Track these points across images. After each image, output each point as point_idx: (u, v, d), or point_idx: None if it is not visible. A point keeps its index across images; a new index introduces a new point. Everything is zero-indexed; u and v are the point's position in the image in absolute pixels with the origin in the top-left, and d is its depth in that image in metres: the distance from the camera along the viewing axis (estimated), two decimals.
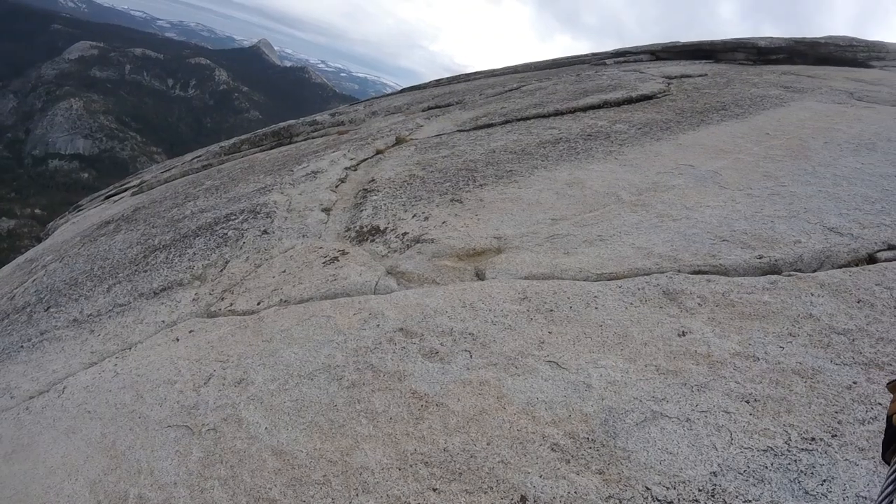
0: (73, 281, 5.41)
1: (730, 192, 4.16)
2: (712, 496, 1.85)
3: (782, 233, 3.40)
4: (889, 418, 1.06)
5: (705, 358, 2.40)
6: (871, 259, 3.11)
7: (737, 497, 1.83)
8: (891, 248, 3.16)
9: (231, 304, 3.87)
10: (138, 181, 11.16)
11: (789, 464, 1.89)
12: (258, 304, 3.75)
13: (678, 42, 12.62)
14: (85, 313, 4.55)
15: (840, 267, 3.04)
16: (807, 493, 1.80)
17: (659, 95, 7.89)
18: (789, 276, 2.97)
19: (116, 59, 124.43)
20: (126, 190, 10.78)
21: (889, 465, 1.00)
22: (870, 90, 7.83)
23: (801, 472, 1.86)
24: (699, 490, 1.88)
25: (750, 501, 1.82)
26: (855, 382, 2.17)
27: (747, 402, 2.14)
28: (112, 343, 3.91)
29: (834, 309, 2.62)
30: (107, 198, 11.01)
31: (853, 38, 12.20)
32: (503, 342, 2.69)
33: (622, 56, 12.56)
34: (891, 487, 0.94)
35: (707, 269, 3.12)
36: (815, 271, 3.03)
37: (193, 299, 4.16)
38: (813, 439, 1.96)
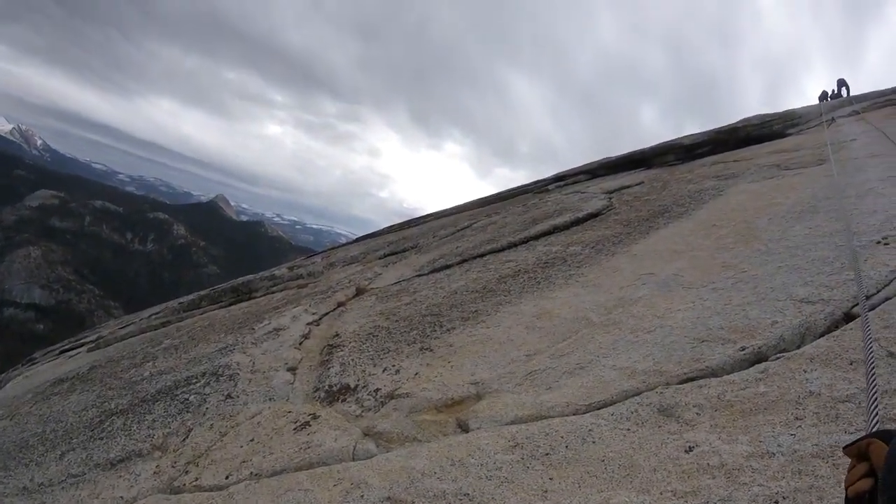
0: (24, 443, 5.02)
1: (695, 290, 4.17)
2: None
3: (756, 318, 3.38)
4: (846, 489, 0.98)
5: (720, 469, 2.24)
6: (849, 317, 3.12)
7: None
8: (866, 297, 3.14)
9: (196, 479, 3.52)
10: (95, 336, 10.80)
11: None
12: (226, 478, 3.42)
13: (611, 157, 13.41)
14: (36, 482, 4.16)
15: (822, 335, 3.02)
16: None
17: (604, 211, 8.18)
18: (777, 358, 2.92)
19: (77, 209, 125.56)
20: (82, 345, 10.36)
21: None
22: (794, 157, 8.33)
23: None
24: None
25: None
26: None
27: (776, 502, 1.99)
28: None
29: (831, 379, 2.56)
30: (62, 352, 10.54)
31: (765, 115, 13.22)
32: (503, 498, 2.44)
33: (562, 180, 13.22)
34: None
35: (695, 375, 3.02)
36: (799, 347, 2.99)
37: (155, 472, 3.79)
38: None
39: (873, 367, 1.57)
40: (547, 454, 2.68)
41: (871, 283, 3.34)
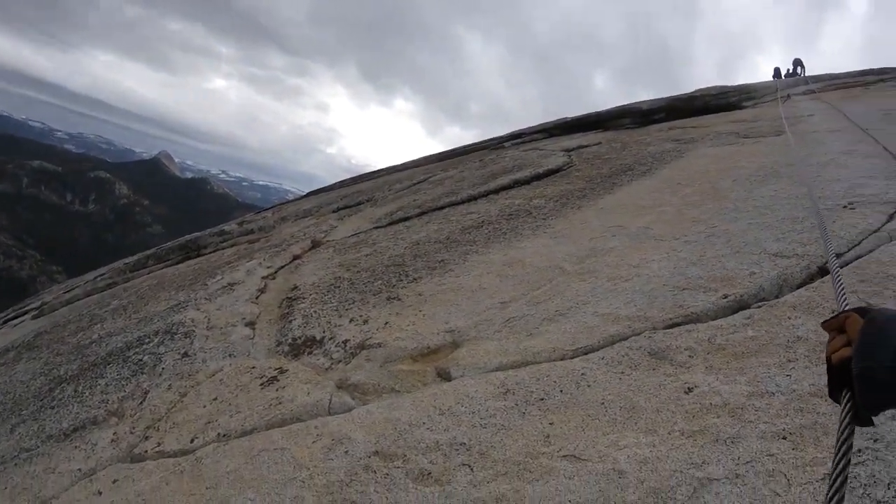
0: None
1: (668, 243, 4.16)
2: None
3: (734, 269, 3.40)
4: (828, 359, 1.04)
5: (723, 408, 2.23)
6: (823, 271, 3.18)
7: None
8: (837, 255, 3.20)
9: (159, 444, 3.24)
10: (39, 303, 10.23)
11: (850, 481, 1.75)
12: (192, 441, 3.16)
13: (567, 118, 13.36)
14: None
15: (800, 286, 3.07)
16: (879, 502, 1.69)
17: (564, 168, 8.11)
18: (759, 306, 2.95)
19: (13, 171, 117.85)
20: (26, 313, 9.77)
21: (840, 403, 1.00)
22: (752, 127, 8.47)
23: (865, 484, 1.75)
24: None
25: None
26: None
27: (784, 438, 2.00)
28: (22, 499, 3.18)
29: (815, 325, 2.58)
30: (5, 321, 9.94)
31: (723, 86, 13.43)
32: (504, 446, 2.32)
33: (518, 137, 13.11)
34: (847, 421, 0.95)
35: (680, 321, 3.00)
36: (778, 297, 3.04)
37: (112, 440, 3.47)
38: (859, 451, 1.86)
39: (838, 266, 1.54)
40: (542, 399, 2.58)
41: (843, 242, 3.41)
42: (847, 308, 1.13)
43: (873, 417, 0.96)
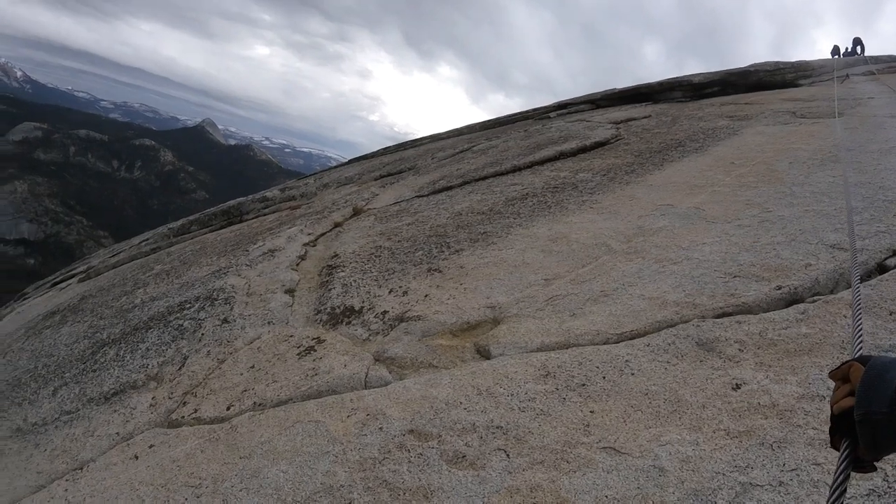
0: (17, 381, 4.73)
1: (719, 225, 4.01)
2: None
3: (789, 258, 3.26)
4: (832, 407, 1.06)
5: (772, 409, 2.12)
6: (882, 268, 3.04)
7: None
8: (875, 267, 3.12)
9: (195, 410, 3.28)
10: (85, 267, 10.52)
11: (893, 500, 1.69)
12: (228, 408, 3.17)
13: (615, 88, 12.98)
14: (29, 421, 3.88)
15: None
16: None
17: (612, 141, 7.91)
18: (813, 301, 2.82)
19: (60, 140, 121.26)
20: (73, 276, 10.07)
21: (838, 449, 1.03)
22: (809, 107, 8.12)
23: None
24: None
25: None
26: None
27: None
28: (60, 461, 3.25)
29: (872, 327, 2.46)
30: (53, 285, 10.29)
31: (779, 62, 12.89)
32: (542, 433, 2.26)
33: (564, 108, 12.82)
34: (843, 467, 1.00)
35: (731, 311, 2.87)
36: (833, 292, 2.90)
37: (150, 405, 3.53)
38: None
39: (859, 302, 1.48)
40: (583, 385, 2.50)
41: None
42: (858, 353, 1.17)
43: (876, 463, 1.01)
